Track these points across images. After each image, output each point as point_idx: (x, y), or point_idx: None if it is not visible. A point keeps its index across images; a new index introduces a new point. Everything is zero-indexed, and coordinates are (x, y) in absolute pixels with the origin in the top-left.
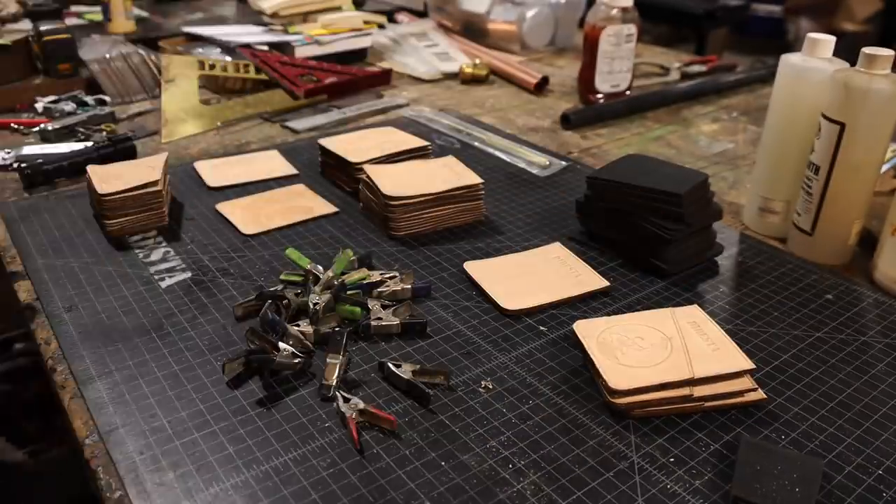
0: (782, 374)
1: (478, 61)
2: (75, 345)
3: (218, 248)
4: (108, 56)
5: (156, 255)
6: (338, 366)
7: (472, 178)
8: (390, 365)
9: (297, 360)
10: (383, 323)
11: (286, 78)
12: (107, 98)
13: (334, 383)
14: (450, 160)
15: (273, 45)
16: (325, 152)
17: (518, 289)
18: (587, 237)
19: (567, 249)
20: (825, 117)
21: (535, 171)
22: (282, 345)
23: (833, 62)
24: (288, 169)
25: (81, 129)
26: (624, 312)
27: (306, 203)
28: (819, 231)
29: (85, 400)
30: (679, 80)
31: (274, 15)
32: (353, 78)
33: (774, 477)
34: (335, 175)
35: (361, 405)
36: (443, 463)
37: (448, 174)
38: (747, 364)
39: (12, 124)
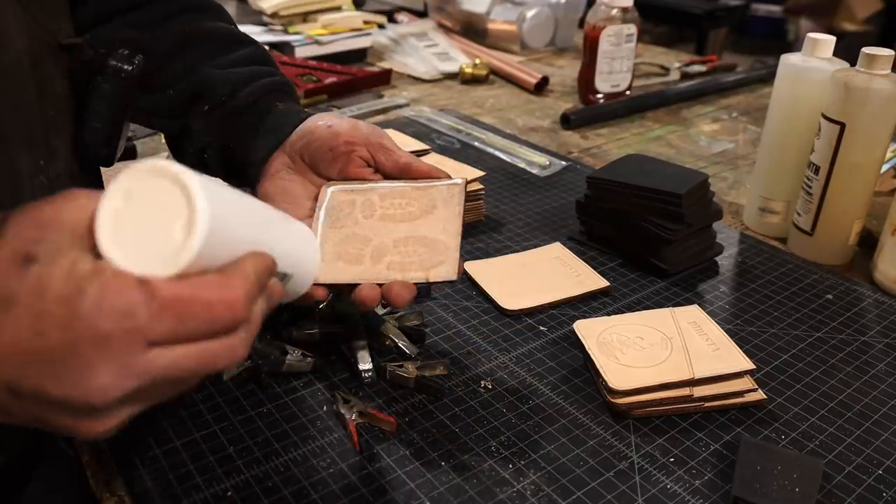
0: (782, 374)
1: (478, 61)
2: None
3: None
4: None
5: None
6: (367, 350)
7: (472, 172)
8: (392, 367)
9: (308, 360)
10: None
11: None
12: None
13: (371, 366)
14: (441, 158)
15: (273, 45)
16: None
17: (518, 289)
18: (587, 237)
19: (567, 249)
20: (825, 117)
21: (535, 171)
22: (288, 348)
23: (833, 62)
24: None
25: None
26: (624, 312)
27: None
28: (819, 231)
29: None
30: (679, 80)
31: (274, 15)
32: (353, 78)
33: (774, 477)
34: None
35: (361, 406)
36: (443, 463)
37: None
38: (747, 364)
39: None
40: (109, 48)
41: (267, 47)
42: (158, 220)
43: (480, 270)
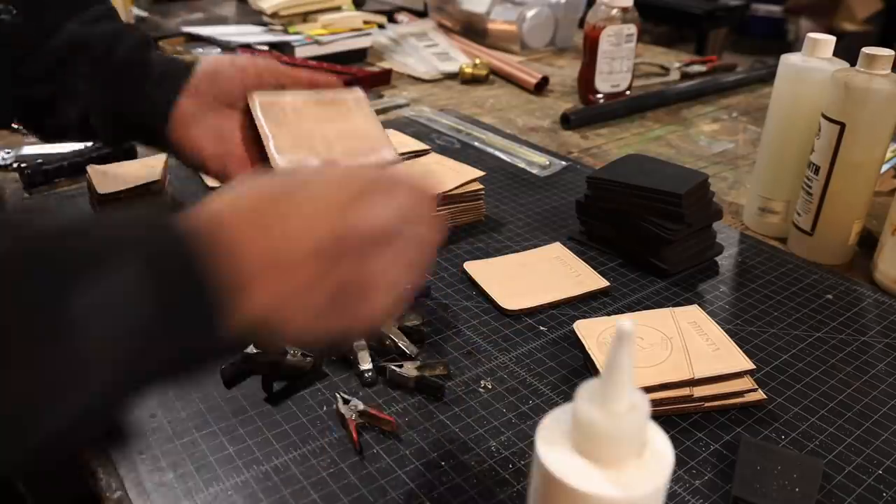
0: (782, 374)
1: (478, 61)
2: None
3: None
4: None
5: None
6: (367, 350)
7: (473, 172)
8: (392, 367)
9: (308, 360)
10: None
11: None
12: None
13: (370, 367)
14: (441, 158)
15: (273, 45)
16: None
17: (518, 289)
18: (587, 237)
19: (567, 249)
20: (825, 117)
21: (535, 171)
22: (288, 347)
23: (833, 62)
24: None
25: None
26: (624, 312)
27: None
28: (819, 231)
29: None
30: (679, 80)
31: (274, 15)
32: (353, 78)
33: (774, 477)
34: None
35: (361, 406)
36: (443, 463)
37: (447, 172)
38: (747, 364)
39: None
40: None
41: (266, 47)
42: None
43: (480, 270)
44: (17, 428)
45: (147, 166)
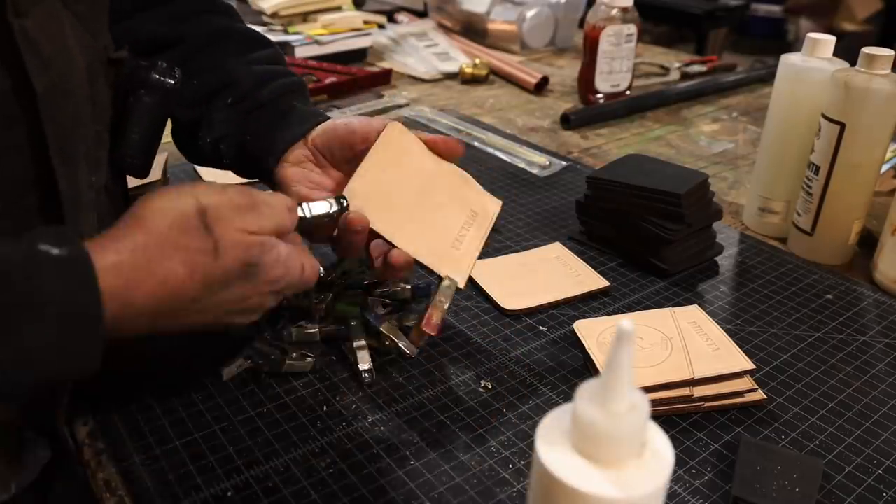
0: (782, 374)
1: (478, 61)
2: None
3: None
4: None
5: None
6: (367, 350)
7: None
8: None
9: (308, 360)
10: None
11: None
12: None
13: (370, 366)
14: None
15: None
16: None
17: (518, 289)
18: (587, 237)
19: (567, 249)
20: (825, 117)
21: (535, 171)
22: (288, 347)
23: (833, 62)
24: None
25: None
26: (624, 312)
27: None
28: (819, 231)
29: (84, 401)
30: (679, 80)
31: (274, 15)
32: (353, 78)
33: (774, 477)
34: None
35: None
36: (443, 463)
37: None
38: (747, 364)
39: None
40: (151, 62)
41: None
42: None
43: (480, 270)
44: None
45: None
